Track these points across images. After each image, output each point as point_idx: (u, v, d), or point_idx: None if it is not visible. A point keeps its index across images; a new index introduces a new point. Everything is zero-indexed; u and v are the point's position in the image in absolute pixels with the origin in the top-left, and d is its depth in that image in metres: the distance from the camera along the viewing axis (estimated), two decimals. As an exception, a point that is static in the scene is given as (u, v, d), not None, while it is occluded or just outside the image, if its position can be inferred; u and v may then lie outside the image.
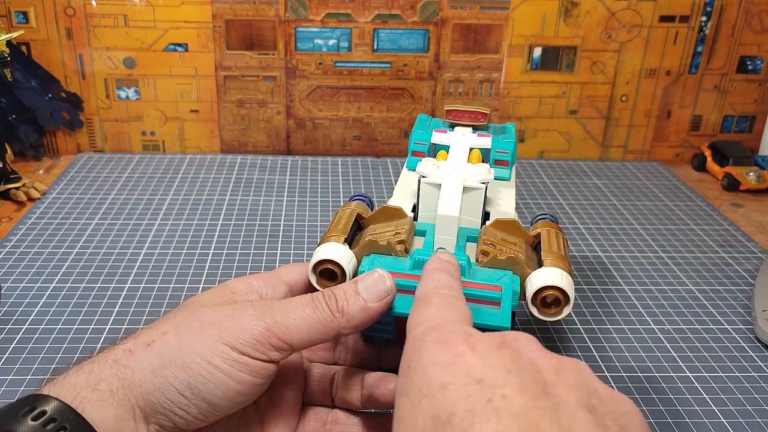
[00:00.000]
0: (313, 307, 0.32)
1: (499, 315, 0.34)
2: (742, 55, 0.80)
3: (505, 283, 0.36)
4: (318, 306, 0.32)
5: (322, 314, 0.32)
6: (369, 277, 0.34)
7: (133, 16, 0.73)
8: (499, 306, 0.35)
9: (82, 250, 0.57)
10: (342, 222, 0.40)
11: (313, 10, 0.74)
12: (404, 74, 0.78)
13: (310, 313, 0.32)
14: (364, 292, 0.33)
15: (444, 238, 0.39)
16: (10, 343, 0.45)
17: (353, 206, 0.42)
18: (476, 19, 0.76)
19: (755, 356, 0.47)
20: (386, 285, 0.34)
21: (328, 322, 0.32)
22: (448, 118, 0.49)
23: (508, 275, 0.36)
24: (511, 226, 0.39)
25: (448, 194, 0.39)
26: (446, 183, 0.40)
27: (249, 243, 0.60)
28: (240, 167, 0.76)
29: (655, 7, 0.76)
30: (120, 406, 0.30)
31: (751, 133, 0.84)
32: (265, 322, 0.31)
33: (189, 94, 0.77)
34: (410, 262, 0.37)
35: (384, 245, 0.38)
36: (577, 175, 0.78)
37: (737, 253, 0.61)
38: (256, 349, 0.31)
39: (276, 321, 0.32)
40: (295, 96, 0.78)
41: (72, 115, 0.76)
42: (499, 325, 0.34)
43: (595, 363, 0.46)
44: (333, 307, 0.32)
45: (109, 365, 0.30)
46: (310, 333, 0.32)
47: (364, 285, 0.33)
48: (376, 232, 0.39)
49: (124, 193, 0.68)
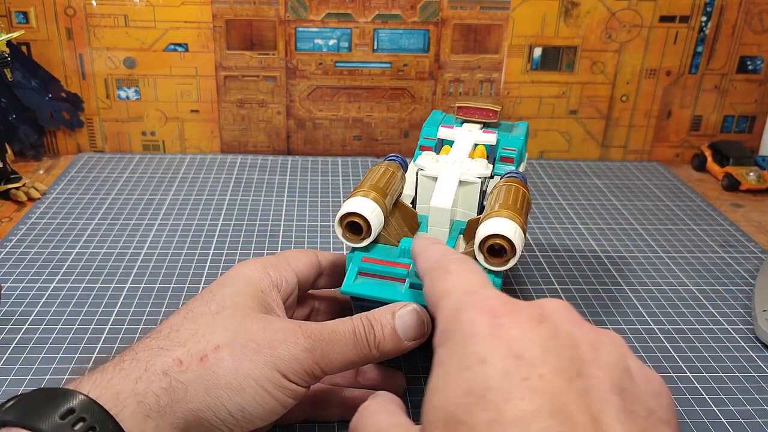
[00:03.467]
0: (354, 343, 0.33)
1: None
2: (743, 55, 0.80)
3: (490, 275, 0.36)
4: (359, 343, 0.33)
5: (361, 350, 0.33)
6: (409, 317, 0.34)
7: (133, 16, 0.73)
8: None
9: (82, 250, 0.57)
10: (371, 178, 0.40)
11: (313, 10, 0.74)
12: (404, 74, 0.78)
13: (351, 348, 0.33)
14: (402, 331, 0.34)
15: (437, 230, 0.40)
16: (10, 343, 0.45)
17: (385, 165, 0.42)
18: (476, 19, 0.76)
19: (755, 356, 0.47)
20: (425, 329, 0.34)
21: (365, 356, 0.34)
22: (459, 115, 0.49)
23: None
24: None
25: (443, 187, 0.40)
26: (442, 176, 0.41)
27: (249, 243, 0.60)
28: (240, 167, 0.76)
29: (655, 7, 0.76)
30: (163, 419, 0.30)
31: (751, 133, 0.84)
32: (314, 355, 0.33)
33: (189, 94, 0.77)
34: (397, 251, 0.38)
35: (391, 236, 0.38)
36: (577, 175, 0.78)
37: (737, 253, 0.61)
38: (302, 378, 0.33)
39: (323, 355, 0.33)
40: (295, 96, 0.78)
41: (72, 115, 0.76)
42: None
43: (595, 363, 0.46)
44: (372, 343, 0.34)
45: (159, 377, 0.30)
46: (346, 365, 0.34)
47: (402, 324, 0.34)
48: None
49: (124, 193, 0.68)
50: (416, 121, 0.80)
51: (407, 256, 0.37)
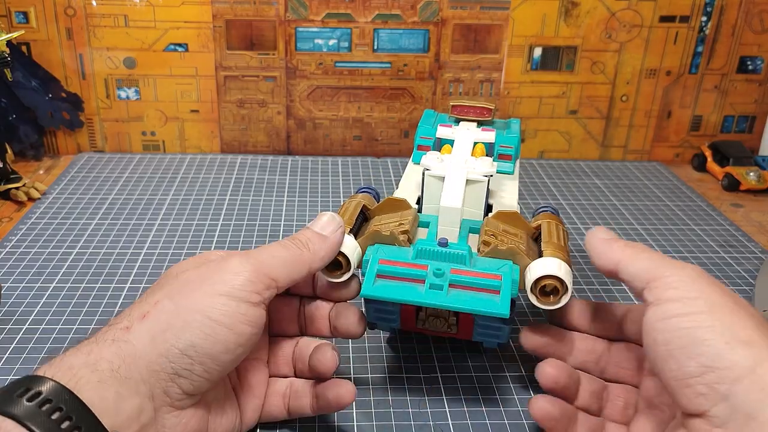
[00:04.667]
0: (283, 246, 0.36)
1: (498, 303, 0.35)
2: (743, 55, 0.80)
3: (505, 273, 0.36)
4: (288, 246, 0.36)
5: (293, 251, 0.36)
6: (320, 219, 0.38)
7: (133, 16, 0.73)
8: (499, 294, 0.35)
9: (82, 250, 0.57)
10: (348, 213, 0.41)
11: (314, 10, 0.74)
12: (404, 74, 0.78)
13: (283, 251, 0.36)
14: (320, 229, 0.38)
15: (447, 229, 0.40)
16: (10, 343, 0.45)
17: (359, 198, 0.43)
18: (476, 19, 0.76)
19: (755, 356, 0.47)
20: (336, 221, 0.38)
21: (299, 256, 0.36)
22: (453, 113, 0.50)
23: (509, 265, 0.37)
24: (512, 218, 0.40)
25: (451, 187, 0.40)
26: (450, 176, 0.41)
27: (249, 243, 0.60)
28: (240, 167, 0.76)
29: (655, 7, 0.76)
30: (121, 384, 0.30)
31: (751, 133, 0.84)
32: (250, 263, 0.34)
33: (189, 94, 0.77)
34: (413, 252, 0.38)
35: (387, 235, 0.39)
36: (577, 175, 0.78)
37: (737, 253, 0.61)
38: (250, 290, 0.33)
39: (259, 260, 0.34)
40: (296, 96, 0.78)
41: (72, 115, 0.76)
42: (498, 312, 0.35)
43: (595, 363, 0.46)
44: (299, 244, 0.36)
45: (108, 344, 0.31)
46: (288, 268, 0.35)
47: (319, 224, 0.38)
48: (380, 222, 0.41)
49: (124, 193, 0.68)
50: (416, 121, 0.80)
51: (425, 256, 0.37)
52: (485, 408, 0.41)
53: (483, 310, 0.35)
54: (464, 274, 0.36)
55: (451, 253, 0.37)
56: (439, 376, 0.44)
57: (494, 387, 0.43)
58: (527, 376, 0.44)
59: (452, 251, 0.37)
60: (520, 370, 0.45)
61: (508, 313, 0.35)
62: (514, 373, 0.45)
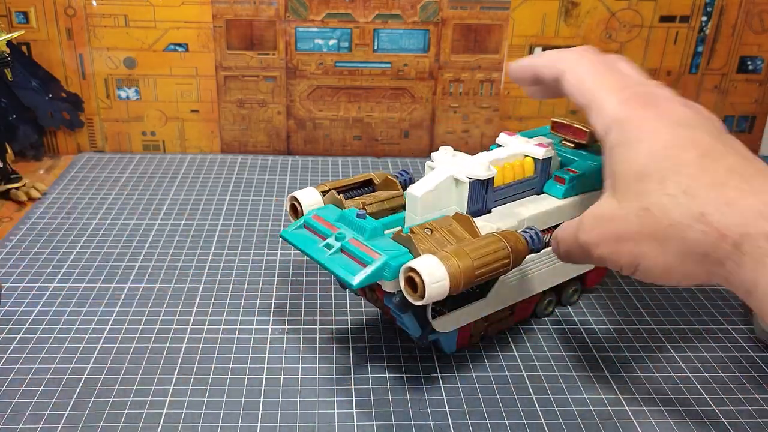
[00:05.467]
0: None
1: (354, 272, 0.36)
2: (743, 55, 0.80)
3: (388, 255, 0.37)
4: None
5: None
6: None
7: (133, 16, 0.73)
8: (365, 267, 0.37)
9: (82, 250, 0.57)
10: (348, 181, 0.47)
11: (314, 10, 0.74)
12: (404, 74, 0.78)
13: None
14: None
15: (410, 216, 0.42)
16: (10, 343, 0.45)
17: (373, 174, 0.48)
18: (476, 19, 0.76)
19: (755, 356, 0.47)
20: None
21: None
22: (553, 131, 0.51)
23: (400, 251, 0.38)
24: (465, 221, 0.41)
25: (427, 178, 0.42)
26: (436, 169, 0.42)
27: (249, 243, 0.60)
28: (240, 167, 0.76)
29: (655, 7, 0.76)
30: None
31: (751, 133, 0.84)
32: None
33: (189, 94, 0.77)
34: (337, 215, 0.41)
35: (338, 198, 0.43)
36: (577, 175, 0.78)
37: (737, 253, 0.61)
38: None
39: None
40: (296, 96, 0.78)
41: (72, 115, 0.76)
42: (343, 277, 0.36)
43: (595, 363, 0.46)
44: None
45: None
46: None
47: None
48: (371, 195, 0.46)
49: (124, 193, 0.68)
50: (416, 121, 0.80)
51: (343, 222, 0.40)
52: (485, 408, 0.41)
53: (335, 272, 0.37)
54: (355, 245, 0.38)
55: (359, 225, 0.39)
56: (439, 376, 0.44)
57: (494, 387, 0.43)
58: (527, 377, 0.44)
59: (360, 223, 0.39)
60: (520, 371, 0.45)
61: (353, 282, 0.36)
62: (514, 373, 0.45)
